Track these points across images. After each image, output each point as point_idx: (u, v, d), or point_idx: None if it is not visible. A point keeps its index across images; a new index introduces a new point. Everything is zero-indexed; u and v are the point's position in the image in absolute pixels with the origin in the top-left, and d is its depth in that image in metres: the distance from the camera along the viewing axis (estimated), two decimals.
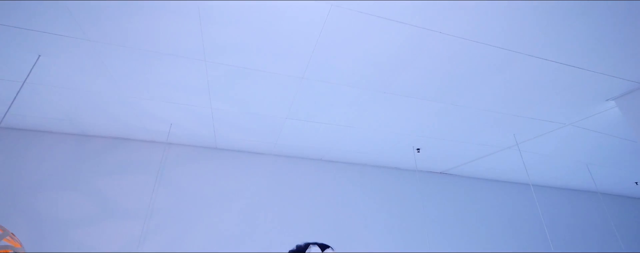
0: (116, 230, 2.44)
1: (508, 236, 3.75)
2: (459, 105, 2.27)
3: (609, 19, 1.47)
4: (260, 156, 3.12)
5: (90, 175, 2.60)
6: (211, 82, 1.97)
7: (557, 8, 1.41)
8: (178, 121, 2.50)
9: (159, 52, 1.69)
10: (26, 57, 1.71)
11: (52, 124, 2.55)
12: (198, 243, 2.58)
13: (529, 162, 3.39)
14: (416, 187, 3.54)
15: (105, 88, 2.03)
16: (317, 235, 2.98)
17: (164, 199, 2.64)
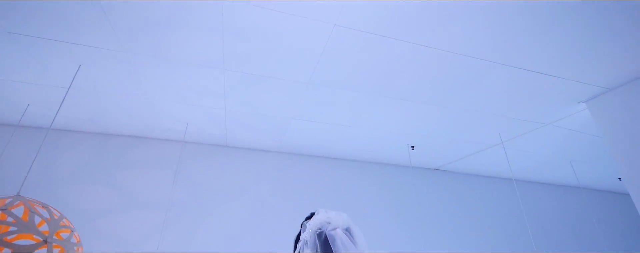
0: (140, 220, 2.71)
1: (496, 229, 4.02)
2: (448, 107, 2.53)
3: (575, 31, 1.73)
4: (268, 153, 3.38)
5: (114, 170, 2.86)
6: (227, 87, 2.23)
7: (529, 22, 1.66)
8: (194, 121, 2.76)
9: (184, 61, 1.95)
10: (68, 66, 1.97)
11: (76, 124, 2.81)
12: (213, 232, 2.85)
13: (514, 159, 3.66)
14: (411, 183, 3.81)
15: (132, 91, 2.29)
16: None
17: (182, 193, 2.91)
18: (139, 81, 2.15)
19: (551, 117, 2.70)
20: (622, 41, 1.80)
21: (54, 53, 1.86)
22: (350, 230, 0.86)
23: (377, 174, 3.74)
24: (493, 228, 3.99)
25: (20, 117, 2.49)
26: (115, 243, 2.61)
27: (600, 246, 4.43)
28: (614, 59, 1.95)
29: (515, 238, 4.01)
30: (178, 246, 2.74)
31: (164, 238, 2.72)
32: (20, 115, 2.47)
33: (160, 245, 2.69)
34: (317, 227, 0.84)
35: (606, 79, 2.14)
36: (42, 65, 1.98)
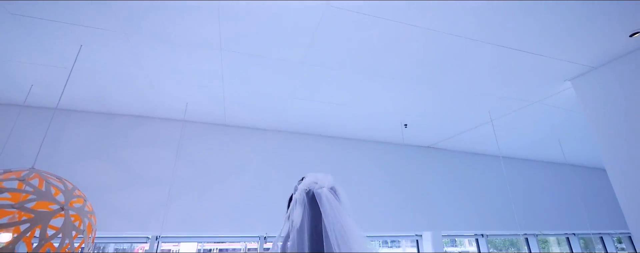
0: (145, 195, 2.86)
1: (486, 203, 4.21)
2: (438, 86, 2.62)
3: (560, 10, 1.79)
4: (266, 132, 3.50)
5: (118, 148, 2.98)
6: (225, 67, 2.30)
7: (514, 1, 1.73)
8: (194, 100, 2.85)
9: (182, 42, 2.01)
10: (70, 47, 2.04)
11: (81, 103, 2.89)
12: (215, 206, 3.01)
13: (505, 137, 3.79)
14: (405, 160, 3.96)
15: (132, 72, 2.37)
16: None
17: (184, 169, 3.05)
18: (139, 62, 2.22)
19: (538, 95, 2.80)
20: (606, 20, 1.87)
21: (55, 34, 1.92)
22: (335, 189, 0.98)
23: (372, 152, 3.88)
24: (483, 203, 4.19)
25: (25, 98, 2.57)
26: (123, 216, 2.78)
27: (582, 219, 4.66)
28: (597, 38, 2.02)
29: (504, 212, 4.22)
30: (182, 218, 2.91)
31: (169, 211, 2.88)
32: (25, 95, 2.55)
33: (165, 218, 2.86)
34: (306, 187, 0.96)
35: (590, 57, 2.22)
36: (44, 46, 2.04)
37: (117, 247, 4.32)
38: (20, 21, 1.82)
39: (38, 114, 2.81)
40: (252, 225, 3.06)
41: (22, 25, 1.86)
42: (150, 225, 2.84)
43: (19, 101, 2.66)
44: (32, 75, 2.38)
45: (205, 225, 2.96)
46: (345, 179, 3.63)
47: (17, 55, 2.15)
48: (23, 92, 2.54)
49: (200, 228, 2.96)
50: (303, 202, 0.93)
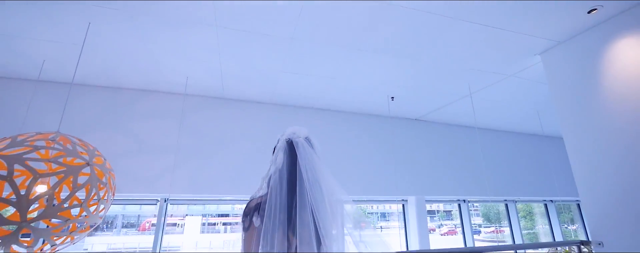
0: (153, 162, 3.16)
1: (468, 172, 4.54)
2: (420, 61, 2.83)
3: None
4: (261, 104, 3.75)
5: (127, 120, 3.24)
6: (220, 43, 2.51)
7: None
8: (193, 75, 3.07)
9: (182, 21, 2.21)
10: (79, 24, 2.24)
11: (90, 78, 3.12)
12: (216, 170, 3.33)
13: (487, 109, 4.04)
14: (391, 131, 4.24)
15: (137, 48, 2.58)
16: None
17: (187, 139, 3.33)
18: (143, 39, 2.42)
19: (512, 69, 3.02)
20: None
21: (65, 11, 2.12)
22: (309, 139, 1.24)
23: (361, 123, 4.15)
24: (466, 171, 4.52)
25: (38, 73, 2.79)
26: (134, 181, 3.09)
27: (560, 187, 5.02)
28: (561, 14, 2.21)
29: (485, 180, 4.56)
30: (187, 183, 3.23)
31: (175, 175, 3.20)
32: (39, 71, 2.78)
33: (172, 182, 3.18)
34: (286, 137, 1.22)
35: (555, 33, 2.42)
36: (54, 24, 2.24)
37: (127, 213, 4.70)
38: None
39: (52, 88, 3.04)
40: (250, 187, 3.39)
41: (33, 3, 2.05)
42: (159, 188, 3.17)
43: (33, 76, 2.88)
44: (43, 52, 2.60)
45: (209, 188, 3.29)
46: (337, 149, 3.93)
47: (29, 32, 2.35)
48: (36, 67, 2.76)
49: (204, 191, 3.29)
50: (284, 148, 1.19)
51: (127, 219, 4.61)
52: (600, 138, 2.20)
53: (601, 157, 2.19)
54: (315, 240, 1.00)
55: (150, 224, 4.47)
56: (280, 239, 1.01)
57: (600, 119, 2.21)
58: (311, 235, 1.00)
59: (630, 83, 2.06)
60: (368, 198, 4.18)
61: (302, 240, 0.99)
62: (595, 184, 2.23)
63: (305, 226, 1.01)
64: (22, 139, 1.65)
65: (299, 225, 1.01)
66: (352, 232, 1.08)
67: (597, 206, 2.20)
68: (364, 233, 1.11)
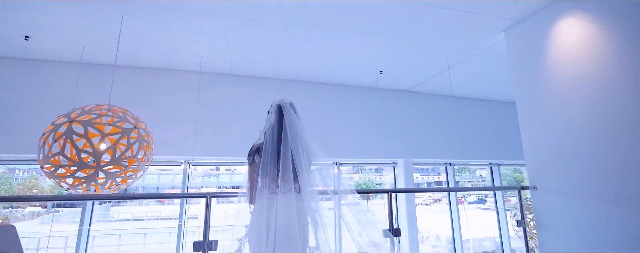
0: (176, 130, 3.79)
1: (454, 137, 5.04)
2: (401, 39, 3.26)
3: None
4: (265, 80, 4.28)
5: (151, 95, 3.83)
6: (228, 28, 2.99)
7: None
8: (206, 55, 3.59)
9: (194, 11, 2.69)
10: (113, 17, 2.75)
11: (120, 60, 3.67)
12: (229, 137, 3.94)
13: (469, 80, 4.46)
14: (383, 102, 4.73)
15: (159, 34, 3.09)
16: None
17: (204, 110, 3.93)
18: (164, 26, 2.93)
19: (484, 44, 3.42)
20: None
21: (101, 7, 2.63)
22: (293, 104, 1.77)
23: (354, 95, 4.65)
24: (452, 136, 5.02)
25: (80, 57, 3.37)
26: (161, 146, 3.73)
27: None
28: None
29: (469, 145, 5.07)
30: (206, 147, 3.87)
31: (196, 142, 3.83)
32: (80, 55, 3.35)
33: (194, 146, 3.82)
34: (276, 102, 1.76)
35: (516, 12, 2.80)
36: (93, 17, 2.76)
37: (147, 185, 5.23)
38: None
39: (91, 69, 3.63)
40: None
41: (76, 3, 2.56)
42: (183, 152, 3.82)
43: (76, 59, 3.46)
44: (83, 39, 3.14)
45: (224, 152, 3.93)
46: (333, 118, 4.48)
47: (72, 23, 2.88)
48: (78, 52, 3.33)
49: (219, 154, 3.94)
50: (275, 110, 1.74)
51: (147, 191, 5.19)
52: (543, 104, 2.66)
53: (542, 119, 2.66)
54: (292, 171, 1.57)
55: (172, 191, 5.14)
56: (271, 169, 1.59)
57: (544, 87, 2.66)
58: (290, 168, 1.57)
59: (570, 56, 2.47)
60: (361, 161, 4.78)
61: (284, 171, 1.57)
62: (535, 142, 2.73)
63: (287, 162, 1.58)
64: (89, 109, 2.25)
65: (283, 161, 1.58)
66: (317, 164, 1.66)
67: (535, 159, 2.72)
68: (325, 166, 1.68)
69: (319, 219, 1.56)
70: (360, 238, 1.64)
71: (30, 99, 3.45)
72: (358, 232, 1.63)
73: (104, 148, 2.17)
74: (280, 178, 1.55)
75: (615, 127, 2.15)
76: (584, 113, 2.34)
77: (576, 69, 2.41)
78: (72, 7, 2.61)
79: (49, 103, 3.44)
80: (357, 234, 1.63)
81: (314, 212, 1.57)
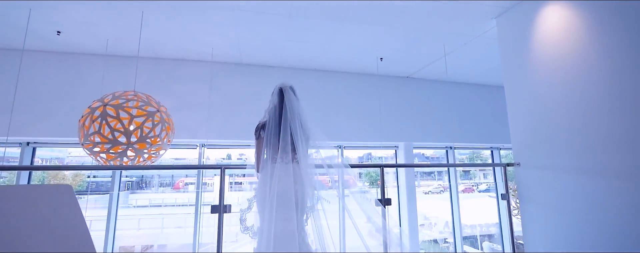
0: (191, 115, 4.14)
1: (454, 122, 5.24)
2: (399, 27, 3.47)
3: None
4: (271, 68, 4.56)
5: (168, 83, 4.18)
6: (237, 21, 3.27)
7: None
8: (217, 46, 3.89)
9: (206, 5, 2.98)
10: (134, 14, 3.06)
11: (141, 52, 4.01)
12: (240, 122, 4.27)
13: (464, 66, 4.62)
14: (385, 88, 4.96)
15: (174, 27, 3.40)
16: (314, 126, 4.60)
17: (216, 97, 4.26)
18: (178, 20, 3.23)
19: (478, 31, 3.59)
20: None
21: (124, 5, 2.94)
22: (292, 87, 2.05)
23: (356, 82, 4.90)
24: (451, 121, 5.23)
25: (105, 48, 3.72)
26: (179, 130, 4.09)
27: None
28: None
29: (469, 129, 5.27)
30: (219, 131, 4.22)
31: (209, 126, 4.18)
32: (105, 47, 3.70)
33: (207, 130, 4.17)
34: (278, 85, 2.05)
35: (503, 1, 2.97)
36: (117, 13, 3.08)
37: (162, 174, 5.60)
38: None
39: (115, 60, 4.00)
40: None
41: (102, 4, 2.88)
42: (198, 135, 4.19)
43: (102, 51, 3.83)
44: (107, 33, 3.48)
45: (235, 135, 4.28)
46: (336, 103, 4.75)
47: (96, 19, 3.21)
48: (103, 45, 3.68)
49: (231, 137, 4.28)
50: (277, 93, 2.03)
51: (162, 179, 5.48)
52: (527, 86, 2.86)
53: (526, 101, 2.87)
54: (291, 145, 1.87)
55: (183, 183, 5.52)
56: (274, 143, 1.89)
57: (529, 70, 2.85)
58: (289, 142, 1.87)
59: (551, 41, 2.65)
60: (364, 144, 5.06)
61: (284, 144, 1.86)
62: (520, 122, 2.95)
63: (287, 136, 1.88)
64: (118, 95, 2.60)
65: (283, 136, 1.88)
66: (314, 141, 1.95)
67: (519, 138, 2.94)
68: (322, 142, 1.97)
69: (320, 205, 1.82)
70: (368, 224, 1.89)
71: (63, 87, 3.85)
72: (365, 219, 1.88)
73: (132, 129, 2.52)
74: (280, 150, 1.86)
75: (590, 106, 2.35)
76: (562, 94, 2.54)
77: (555, 53, 2.60)
78: (99, 5, 2.93)
79: (79, 90, 3.84)
80: (364, 221, 1.87)
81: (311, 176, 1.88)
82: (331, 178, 1.96)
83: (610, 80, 2.22)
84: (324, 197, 1.86)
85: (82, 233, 1.60)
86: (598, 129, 2.29)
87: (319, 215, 1.82)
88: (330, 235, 1.76)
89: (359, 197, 2.04)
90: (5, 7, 2.94)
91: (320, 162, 1.96)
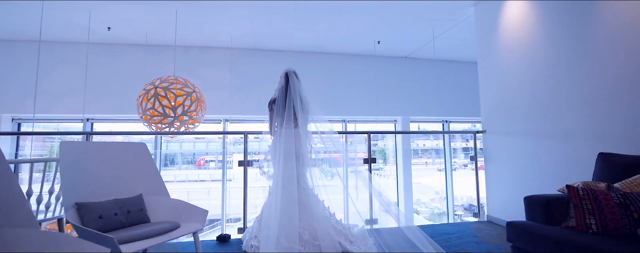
0: (216, 95, 4.92)
1: (450, 98, 5.78)
2: (391, 14, 4.02)
3: None
4: (282, 52, 5.22)
5: (195, 68, 4.94)
6: (252, 14, 3.92)
7: None
8: (236, 35, 4.57)
9: (228, 4, 3.63)
10: (169, 11, 3.77)
11: (170, 41, 4.76)
12: (256, 100, 5.02)
13: (455, 46, 5.10)
14: (385, 67, 5.53)
15: (201, 21, 4.09)
16: (322, 103, 5.28)
17: (236, 78, 5.00)
18: (204, 15, 3.91)
19: (461, 17, 4.08)
20: None
21: (160, 4, 3.64)
22: (295, 72, 2.73)
23: (358, 63, 5.49)
24: (447, 97, 5.77)
25: (145, 40, 4.49)
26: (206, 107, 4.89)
27: None
28: None
29: (464, 105, 5.80)
30: (239, 108, 4.99)
31: (231, 104, 4.96)
32: (145, 39, 4.46)
33: (230, 107, 4.95)
34: (285, 71, 2.74)
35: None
36: (154, 9, 3.79)
37: (185, 152, 6.53)
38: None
39: (153, 49, 4.77)
40: None
41: (139, 3, 3.59)
42: (221, 111, 4.98)
43: (142, 42, 4.60)
44: (145, 29, 4.22)
45: (253, 111, 5.04)
46: (339, 82, 5.39)
47: (139, 16, 3.94)
48: (143, 37, 4.44)
49: (249, 113, 5.06)
50: (283, 76, 2.72)
51: (185, 157, 6.26)
52: (495, 63, 3.40)
53: (494, 76, 3.42)
54: (293, 115, 2.58)
55: (204, 161, 6.28)
56: (281, 113, 2.60)
57: (496, 49, 3.38)
58: (292, 113, 2.57)
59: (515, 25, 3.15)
60: (365, 118, 5.72)
61: (288, 114, 2.57)
62: (487, 95, 3.52)
63: (290, 109, 2.58)
64: (164, 79, 3.37)
65: (287, 109, 2.59)
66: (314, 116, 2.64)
67: (487, 108, 3.53)
68: (319, 117, 2.66)
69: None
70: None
71: (114, 73, 4.69)
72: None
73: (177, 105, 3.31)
74: (286, 119, 2.57)
75: (539, 82, 2.89)
76: (520, 72, 3.09)
77: (516, 37, 3.12)
78: (141, 5, 3.65)
79: (125, 75, 4.67)
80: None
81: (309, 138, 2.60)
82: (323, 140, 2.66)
83: (554, 62, 2.75)
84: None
85: (155, 178, 2.38)
86: (544, 101, 2.86)
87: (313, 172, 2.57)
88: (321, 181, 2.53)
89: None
90: (68, 10, 3.72)
91: (315, 129, 2.67)
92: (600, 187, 1.77)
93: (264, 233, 2.22)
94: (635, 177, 1.75)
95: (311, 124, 2.68)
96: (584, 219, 1.65)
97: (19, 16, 3.85)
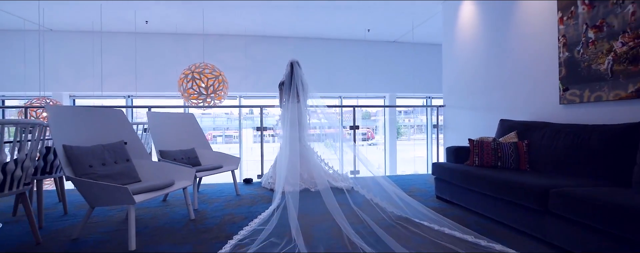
0: (233, 75, 5.93)
1: (432, 76, 6.71)
2: (375, 9, 4.90)
3: None
4: (287, 39, 6.15)
5: (214, 53, 5.92)
6: (262, 11, 4.83)
7: None
8: (248, 25, 5.50)
9: (241, 4, 4.55)
10: (197, 10, 4.70)
11: (195, 30, 5.70)
12: (267, 79, 6.03)
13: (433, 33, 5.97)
14: (375, 50, 6.44)
15: (220, 15, 5.02)
16: (319, 85, 6.26)
17: (249, 61, 5.99)
18: (223, 12, 4.84)
19: (434, 11, 4.95)
20: None
21: (189, 4, 4.57)
22: (298, 62, 3.72)
23: (350, 47, 6.40)
24: (430, 75, 6.71)
25: (174, 31, 5.45)
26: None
27: None
28: None
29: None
30: (252, 86, 6.02)
31: (246, 83, 5.99)
32: (175, 29, 5.42)
33: (245, 86, 5.99)
34: (290, 61, 3.73)
35: None
36: (185, 8, 4.71)
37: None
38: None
39: (182, 38, 5.75)
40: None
41: (170, 4, 4.52)
42: (237, 89, 6.02)
43: (172, 31, 5.57)
44: (174, 22, 5.17)
45: (264, 89, 6.07)
46: (336, 63, 6.34)
47: (172, 13, 4.88)
48: (173, 28, 5.40)
49: (261, 91, 6.10)
50: (289, 64, 3.72)
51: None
52: (455, 48, 4.34)
53: (454, 59, 4.37)
54: (296, 94, 3.61)
55: (211, 136, 7.20)
56: (287, 92, 3.64)
57: (455, 37, 4.30)
58: (295, 92, 3.60)
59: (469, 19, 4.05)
60: (358, 94, 6.73)
61: (293, 93, 3.61)
62: (449, 74, 4.50)
63: (294, 90, 3.61)
64: (198, 65, 4.39)
65: (292, 89, 3.61)
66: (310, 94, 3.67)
67: (448, 86, 4.52)
68: (313, 94, 3.68)
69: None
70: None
71: (151, 58, 5.71)
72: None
73: (208, 85, 4.35)
74: (291, 97, 3.61)
75: (481, 65, 3.85)
76: (469, 57, 4.04)
77: (470, 25, 4.05)
78: (174, 4, 4.59)
79: (158, 61, 5.68)
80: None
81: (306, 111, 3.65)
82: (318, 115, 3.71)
83: (487, 53, 3.68)
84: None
85: (202, 137, 3.49)
86: (481, 82, 3.83)
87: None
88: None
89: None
90: (119, 9, 4.68)
91: (312, 103, 3.71)
92: (488, 140, 2.83)
93: (277, 174, 3.35)
94: (509, 134, 2.80)
95: (309, 99, 3.72)
96: (473, 158, 2.72)
97: (74, 12, 4.83)
